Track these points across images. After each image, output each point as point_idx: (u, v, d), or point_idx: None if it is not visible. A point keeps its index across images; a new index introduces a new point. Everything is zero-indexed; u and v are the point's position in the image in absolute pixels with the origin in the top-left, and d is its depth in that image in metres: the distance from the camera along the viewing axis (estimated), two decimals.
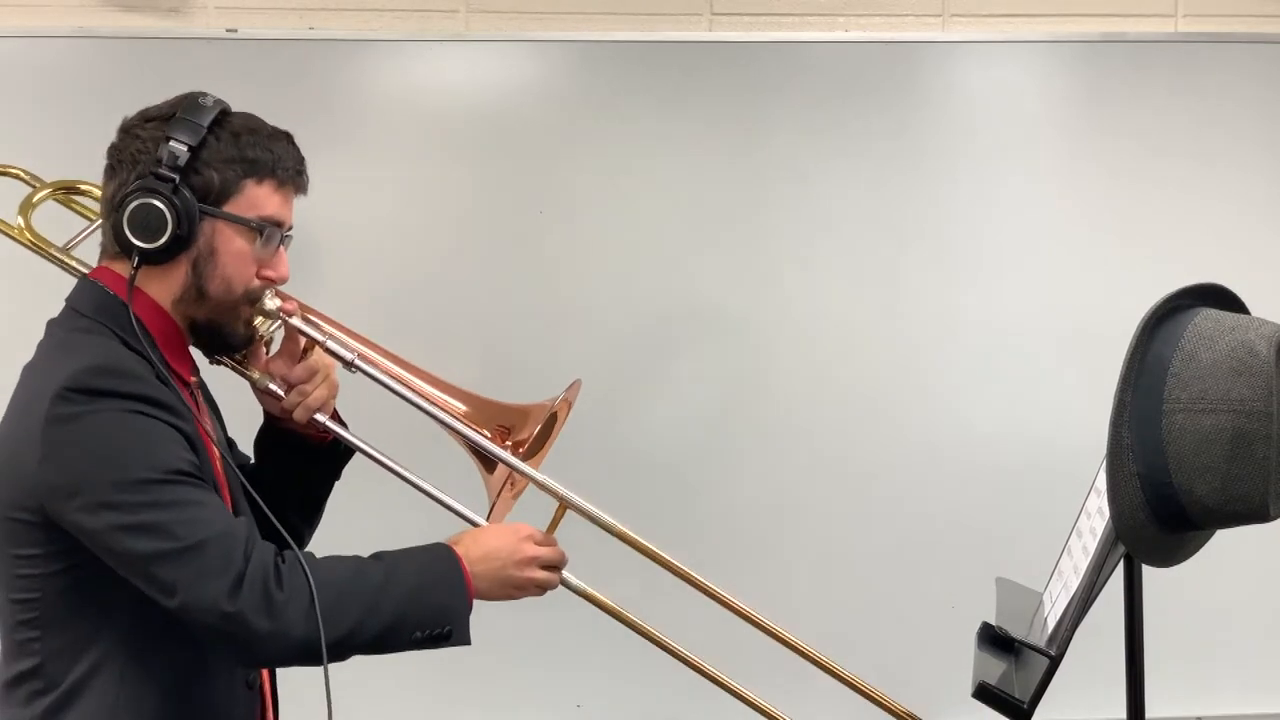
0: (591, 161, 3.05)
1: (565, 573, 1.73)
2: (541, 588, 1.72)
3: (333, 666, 1.51)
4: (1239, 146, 3.11)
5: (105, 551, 1.50)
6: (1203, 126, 3.10)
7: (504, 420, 1.83)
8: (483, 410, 1.83)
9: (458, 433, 1.80)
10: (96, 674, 1.54)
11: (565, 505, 1.78)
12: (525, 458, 1.80)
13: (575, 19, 3.09)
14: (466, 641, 1.64)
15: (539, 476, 1.79)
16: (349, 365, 1.75)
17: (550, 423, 1.86)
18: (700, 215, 3.06)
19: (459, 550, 1.65)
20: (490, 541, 1.68)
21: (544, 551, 1.70)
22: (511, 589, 1.69)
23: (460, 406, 1.82)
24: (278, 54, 2.98)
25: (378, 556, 1.62)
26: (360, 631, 1.56)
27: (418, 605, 1.59)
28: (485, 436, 1.79)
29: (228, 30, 3.01)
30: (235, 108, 1.70)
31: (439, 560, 1.64)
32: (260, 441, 1.85)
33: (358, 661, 3.15)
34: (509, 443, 1.80)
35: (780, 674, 1.99)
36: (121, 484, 1.47)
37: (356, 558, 1.61)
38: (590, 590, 1.77)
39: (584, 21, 3.09)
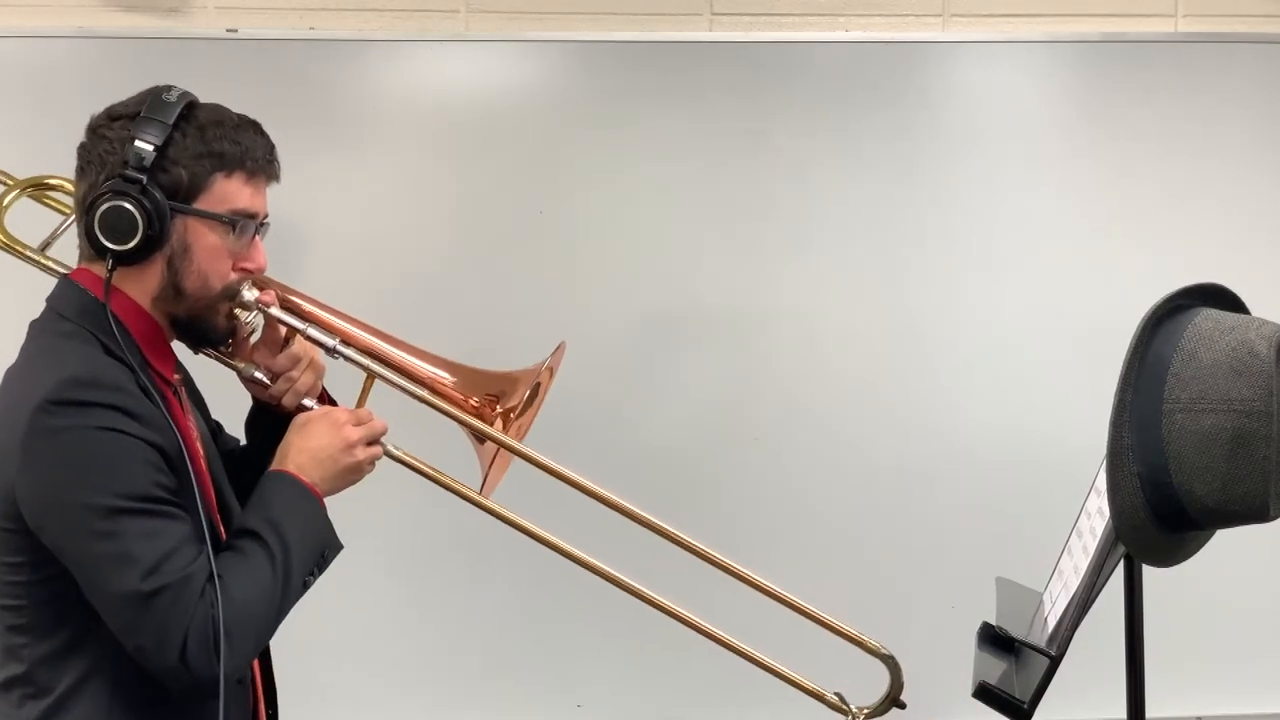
0: (591, 161, 3.05)
1: (385, 442, 1.75)
2: (371, 463, 1.74)
3: (331, 668, 1.49)
4: (1239, 146, 3.11)
5: (73, 569, 1.52)
6: (1203, 126, 3.10)
7: (492, 388, 1.85)
8: (470, 380, 1.84)
9: (442, 410, 1.81)
10: (88, 683, 1.55)
11: (552, 472, 1.80)
12: (514, 423, 1.81)
13: (575, 19, 3.09)
14: (339, 548, 1.68)
15: (519, 445, 1.80)
16: (331, 351, 1.76)
17: (535, 390, 1.87)
18: (701, 215, 3.06)
19: (297, 474, 1.65)
20: (313, 442, 1.68)
21: (363, 431, 1.71)
22: (349, 475, 1.71)
23: (447, 378, 1.83)
24: (278, 54, 2.98)
25: (262, 541, 1.59)
26: (279, 621, 1.62)
27: (305, 567, 1.62)
28: (472, 409, 1.80)
29: (228, 30, 3.01)
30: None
31: (304, 510, 1.64)
32: (251, 425, 1.85)
33: (357, 662, 3.15)
34: (499, 410, 1.82)
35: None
36: (93, 508, 1.48)
37: (256, 558, 1.58)
38: (415, 460, 1.78)
39: (584, 21, 3.09)
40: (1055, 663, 1.80)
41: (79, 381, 1.52)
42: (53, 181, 1.91)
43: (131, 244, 1.57)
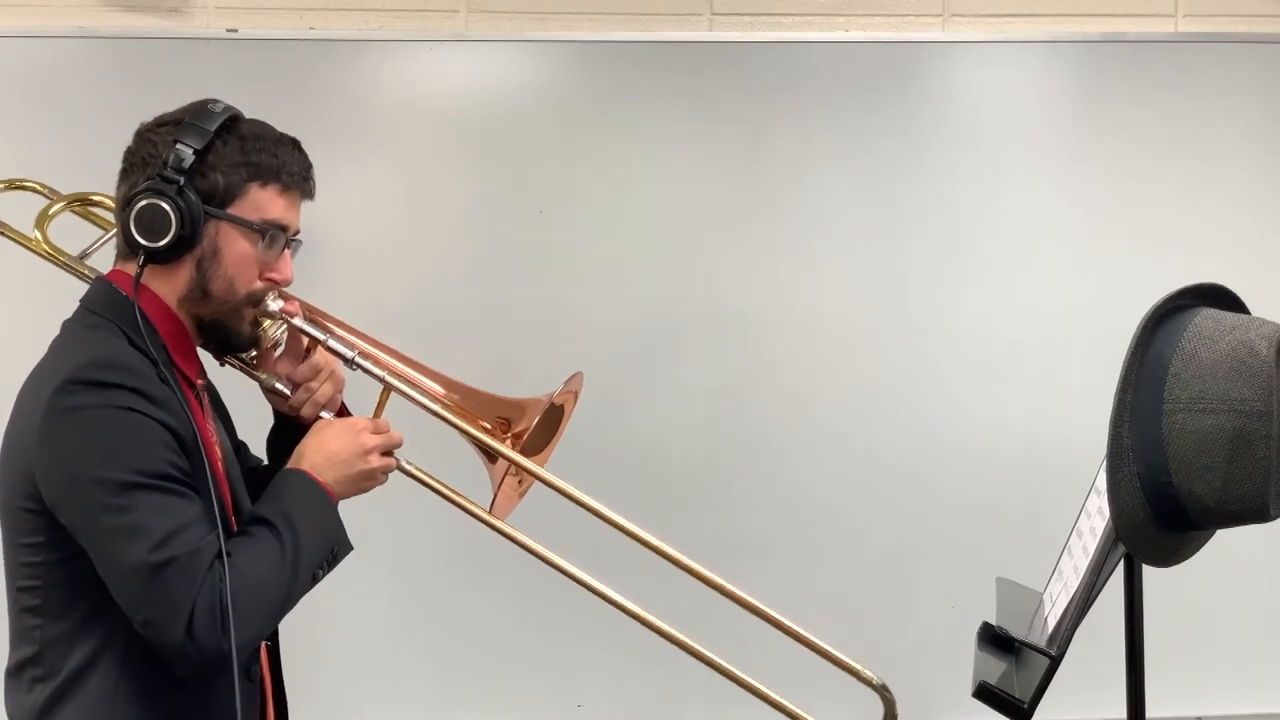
0: (592, 161, 3.05)
1: (398, 455, 1.76)
2: (385, 473, 1.76)
3: (332, 668, 1.49)
4: (1239, 146, 3.11)
5: (86, 545, 1.53)
6: (1202, 126, 3.10)
7: (502, 413, 1.86)
8: (481, 404, 1.86)
9: (456, 426, 1.82)
10: (95, 664, 1.57)
11: (567, 495, 1.80)
12: (526, 449, 1.82)
13: (575, 19, 3.09)
14: (349, 548, 1.70)
15: (530, 464, 1.81)
16: (350, 363, 1.78)
17: (555, 416, 1.89)
18: (701, 215, 3.06)
19: (312, 473, 1.67)
20: (330, 445, 1.70)
21: (380, 439, 1.74)
22: (362, 482, 1.73)
23: (459, 399, 1.86)
24: (278, 54, 2.98)
25: (273, 528, 1.61)
26: (286, 609, 1.64)
27: (315, 561, 1.64)
28: (484, 428, 1.82)
29: (228, 30, 3.01)
30: (235, 108, 1.71)
31: (316, 507, 1.66)
32: (272, 442, 1.88)
33: (358, 662, 3.15)
34: (509, 435, 1.84)
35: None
36: (106, 483, 1.50)
37: (266, 543, 1.60)
38: (429, 477, 1.79)
39: (584, 21, 3.09)
40: (1055, 663, 1.80)
41: (98, 363, 1.55)
42: (96, 197, 1.96)
43: (164, 241, 1.62)
